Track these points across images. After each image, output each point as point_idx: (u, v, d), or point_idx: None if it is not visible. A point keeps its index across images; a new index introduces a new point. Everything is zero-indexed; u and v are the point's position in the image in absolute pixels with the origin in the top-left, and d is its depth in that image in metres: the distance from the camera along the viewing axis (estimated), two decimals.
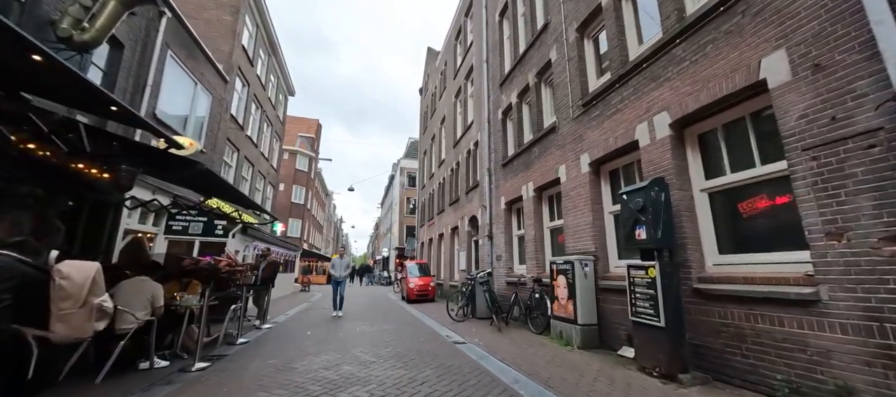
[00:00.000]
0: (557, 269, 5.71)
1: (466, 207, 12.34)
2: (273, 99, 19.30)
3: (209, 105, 11.53)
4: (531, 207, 7.62)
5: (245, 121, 14.83)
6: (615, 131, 5.22)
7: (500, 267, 8.77)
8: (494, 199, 9.76)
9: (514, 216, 9.00)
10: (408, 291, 13.29)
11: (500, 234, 9.23)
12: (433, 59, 22.24)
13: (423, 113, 23.90)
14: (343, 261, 9.70)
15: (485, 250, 10.11)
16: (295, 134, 33.90)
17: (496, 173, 9.80)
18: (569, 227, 6.17)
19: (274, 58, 18.80)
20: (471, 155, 12.48)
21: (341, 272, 9.46)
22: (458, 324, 7.61)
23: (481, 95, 11.38)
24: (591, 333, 5.14)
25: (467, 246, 12.07)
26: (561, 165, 6.56)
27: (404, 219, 35.25)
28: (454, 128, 15.01)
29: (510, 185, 8.78)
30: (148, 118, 8.48)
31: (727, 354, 3.43)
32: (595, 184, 5.75)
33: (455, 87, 15.21)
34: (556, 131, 6.86)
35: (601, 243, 5.51)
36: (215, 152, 12.09)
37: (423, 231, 20.94)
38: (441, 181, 16.76)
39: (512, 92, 9.06)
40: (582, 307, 5.17)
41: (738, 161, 3.77)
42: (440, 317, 8.66)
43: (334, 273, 9.48)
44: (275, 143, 20.58)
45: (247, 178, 16.09)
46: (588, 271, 5.34)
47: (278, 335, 6.60)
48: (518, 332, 6.55)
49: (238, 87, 14.29)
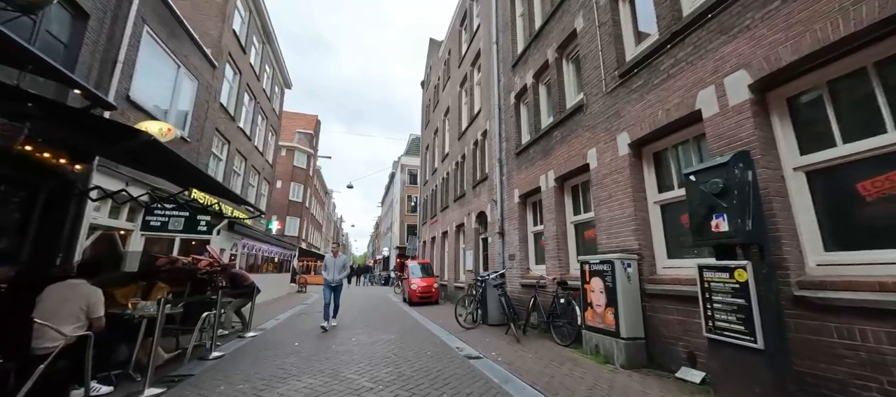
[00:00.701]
0: (591, 270, 4.78)
1: (474, 202, 11.41)
2: (268, 90, 18.39)
3: (195, 91, 10.61)
4: (552, 199, 6.68)
5: (236, 112, 13.90)
6: (666, 102, 4.28)
7: (514, 267, 7.84)
8: (506, 192, 8.83)
9: (529, 210, 8.07)
10: (410, 293, 12.37)
11: (513, 231, 8.30)
12: (435, 50, 21.31)
13: (425, 107, 22.98)
14: (338, 261, 7.63)
15: (495, 249, 9.18)
16: (293, 130, 33.01)
17: (508, 163, 8.87)
18: (602, 221, 5.24)
19: (268, 46, 17.88)
20: (478, 145, 11.55)
21: (336, 275, 7.53)
22: (468, 333, 6.69)
23: (490, 80, 10.45)
24: (636, 349, 4.20)
25: (475, 244, 11.14)
26: (590, 149, 5.63)
27: (405, 217, 34.33)
28: (459, 120, 14.09)
29: (525, 176, 7.85)
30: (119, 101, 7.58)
31: (855, 389, 2.50)
32: (636, 168, 4.81)
33: (460, 76, 14.28)
34: (583, 111, 5.93)
35: (645, 239, 4.58)
36: (202, 143, 11.17)
37: (425, 229, 20.02)
38: (445, 176, 15.83)
39: (527, 73, 8.12)
40: (626, 317, 4.24)
41: (854, 128, 2.84)
42: (447, 323, 7.74)
43: (327, 275, 7.56)
44: (270, 137, 19.66)
45: (239, 173, 15.18)
46: (631, 273, 4.40)
47: (261, 347, 5.68)
48: (539, 343, 5.62)
49: (228, 75, 13.37)
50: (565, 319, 5.53)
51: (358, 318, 8.81)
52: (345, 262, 7.77)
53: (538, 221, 7.75)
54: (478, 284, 8.33)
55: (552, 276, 6.39)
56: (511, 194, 8.53)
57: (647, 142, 4.70)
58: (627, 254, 4.54)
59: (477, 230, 11.25)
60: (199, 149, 10.96)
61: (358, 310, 10.51)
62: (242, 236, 11.67)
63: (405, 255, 27.16)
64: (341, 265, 7.66)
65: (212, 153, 12.17)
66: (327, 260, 7.78)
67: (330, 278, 7.55)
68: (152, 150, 3.96)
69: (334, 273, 7.57)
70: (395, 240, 35.40)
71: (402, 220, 34.48)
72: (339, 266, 7.61)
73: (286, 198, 29.75)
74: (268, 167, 19.19)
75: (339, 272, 7.60)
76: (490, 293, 7.49)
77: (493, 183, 9.64)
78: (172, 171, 5.82)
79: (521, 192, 8.02)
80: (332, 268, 7.60)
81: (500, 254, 8.77)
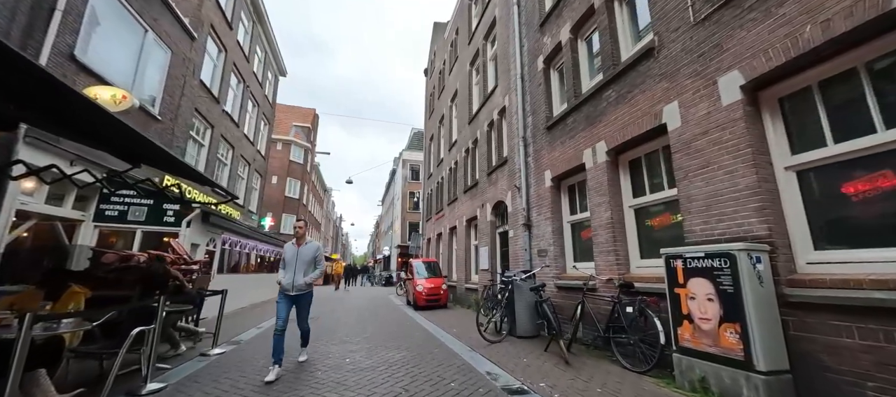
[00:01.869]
0: (687, 268, 3.31)
1: (489, 192, 9.94)
2: (259, 75, 16.94)
3: (167, 63, 9.15)
4: (602, 178, 5.22)
5: (221, 94, 12.44)
6: (816, 14, 2.82)
7: (546, 266, 6.37)
8: (534, 176, 7.36)
9: (564, 195, 6.60)
10: (415, 296, 10.90)
11: (543, 222, 6.83)
12: (440, 34, 19.86)
13: (428, 95, 21.52)
14: (304, 252, 4.47)
15: (519, 244, 7.71)
16: (289, 124, 31.56)
17: (536, 141, 7.40)
18: (692, 200, 3.77)
19: (260, 27, 16.43)
20: (494, 126, 10.08)
21: (298, 276, 4.35)
22: (495, 348, 5.22)
23: (509, 50, 8.99)
24: (781, 389, 2.74)
25: (490, 239, 9.67)
26: (667, 105, 4.16)
27: (407, 214, 32.87)
28: (469, 102, 12.63)
29: (560, 154, 6.38)
30: (58, 59, 6.15)
31: None
32: (753, 122, 3.34)
33: (470, 53, 12.82)
34: (652, 57, 4.46)
35: (777, 223, 3.11)
36: (177, 123, 9.70)
37: (429, 226, 18.55)
38: (452, 166, 14.36)
39: (560, 28, 6.66)
40: (761, 338, 2.77)
41: None
42: (465, 333, 6.27)
43: (283, 279, 4.39)
44: (263, 126, 18.21)
45: (226, 162, 13.74)
46: (762, 271, 2.94)
47: (223, 371, 4.21)
48: (597, 366, 4.16)
49: (212, 52, 11.93)
50: (635, 335, 4.05)
51: (354, 328, 7.33)
52: (317, 255, 4.50)
53: (578, 208, 6.29)
54: (501, 287, 6.87)
55: (606, 276, 4.93)
56: (540, 177, 7.06)
57: (774, 80, 3.23)
58: (755, 244, 3.07)
59: (493, 223, 9.78)
60: (173, 130, 9.50)
61: (355, 317, 9.04)
62: (223, 230, 10.20)
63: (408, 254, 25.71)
64: (309, 259, 4.44)
65: (191, 137, 10.72)
66: (286, 253, 4.53)
67: (288, 283, 4.32)
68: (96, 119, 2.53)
69: (296, 273, 4.36)
70: (396, 238, 33.95)
71: (403, 218, 33.01)
72: (305, 260, 4.42)
73: (282, 195, 28.29)
74: (260, 158, 17.75)
75: (304, 271, 4.39)
76: (519, 297, 6.03)
77: (515, 166, 8.17)
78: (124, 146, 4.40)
79: (554, 174, 6.55)
80: (293, 265, 4.40)
81: (526, 249, 7.30)
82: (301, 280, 4.35)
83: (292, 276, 4.37)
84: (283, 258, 4.57)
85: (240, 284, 11.12)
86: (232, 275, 10.31)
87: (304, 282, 4.35)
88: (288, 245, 4.65)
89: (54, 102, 3.11)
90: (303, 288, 4.37)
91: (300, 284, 4.34)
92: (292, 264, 4.43)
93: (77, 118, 3.52)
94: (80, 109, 3.16)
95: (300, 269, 4.39)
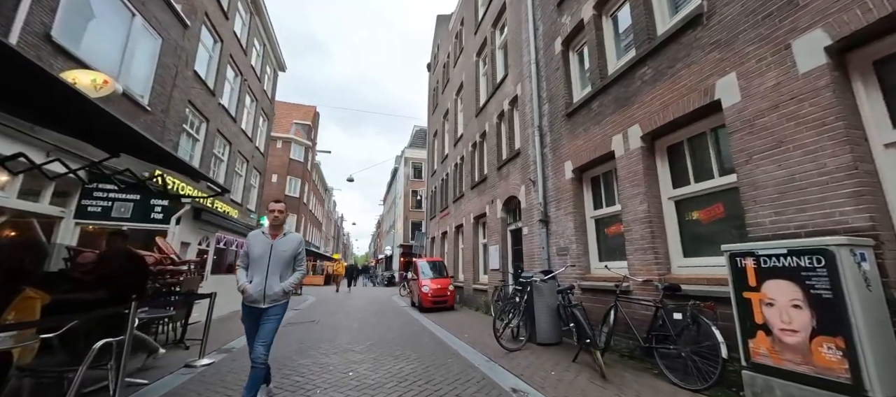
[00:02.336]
0: (763, 268, 2.74)
1: (499, 187, 9.36)
2: (258, 69, 16.38)
3: (157, 51, 8.60)
4: (636, 167, 4.64)
5: (217, 86, 11.89)
6: None
7: (572, 265, 5.79)
8: (551, 168, 6.78)
9: (587, 188, 6.02)
10: (421, 297, 10.33)
11: (564, 217, 6.25)
12: (444, 26, 19.28)
13: (432, 91, 20.95)
14: (282, 247, 3.18)
15: (535, 242, 7.13)
16: (289, 121, 31.04)
17: (553, 130, 6.82)
18: (761, 186, 3.18)
19: (257, 19, 15.88)
20: (504, 117, 9.50)
21: (271, 283, 3.09)
22: (515, 358, 4.65)
23: (521, 35, 8.41)
24: None
25: (501, 237, 9.09)
26: (721, 78, 3.58)
27: (409, 213, 32.32)
28: (476, 94, 12.05)
29: (583, 142, 5.80)
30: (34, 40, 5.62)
31: None
32: (842, 91, 2.76)
33: (477, 43, 12.24)
34: (699, 26, 3.88)
35: (879, 213, 2.53)
36: (169, 115, 9.15)
37: (433, 224, 17.99)
38: (458, 161, 13.79)
39: (582, 6, 6.07)
40: (874, 356, 2.19)
41: None
42: (478, 339, 5.71)
43: (250, 287, 3.08)
44: (261, 122, 17.66)
45: (223, 159, 13.19)
46: (868, 271, 2.36)
47: (208, 387, 3.65)
48: (639, 380, 3.59)
49: (207, 42, 11.38)
50: (686, 346, 3.47)
51: (357, 334, 6.76)
52: (298, 252, 3.27)
53: (603, 202, 5.71)
54: (517, 288, 6.30)
55: (643, 277, 4.35)
56: (559, 169, 6.48)
57: (871, 38, 2.65)
58: (850, 236, 2.49)
59: (504, 220, 9.20)
60: (165, 123, 8.95)
61: (357, 321, 8.47)
62: (217, 228, 9.64)
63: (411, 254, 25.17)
64: (288, 257, 3.19)
65: (184, 130, 10.17)
66: (253, 246, 3.18)
67: (256, 290, 3.05)
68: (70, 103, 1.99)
69: (270, 275, 3.10)
70: (398, 237, 33.40)
71: (405, 217, 32.46)
72: (282, 258, 3.16)
73: (282, 194, 27.75)
74: (258, 155, 17.20)
75: (280, 274, 3.15)
76: (539, 300, 5.45)
77: (529, 158, 7.60)
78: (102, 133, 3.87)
79: (575, 164, 5.98)
80: (265, 265, 3.12)
81: (543, 247, 6.72)
82: (277, 286, 3.07)
83: (263, 281, 3.05)
84: (246, 252, 3.19)
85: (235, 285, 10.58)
86: (228, 276, 9.75)
87: (280, 290, 3.08)
88: (255, 235, 3.23)
89: (21, 83, 2.57)
90: (278, 297, 3.08)
91: (275, 293, 3.06)
92: (263, 263, 3.09)
93: (48, 101, 2.97)
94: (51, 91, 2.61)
95: (275, 271, 3.10)
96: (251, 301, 3.07)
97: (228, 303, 9.83)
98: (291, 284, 3.19)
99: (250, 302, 3.08)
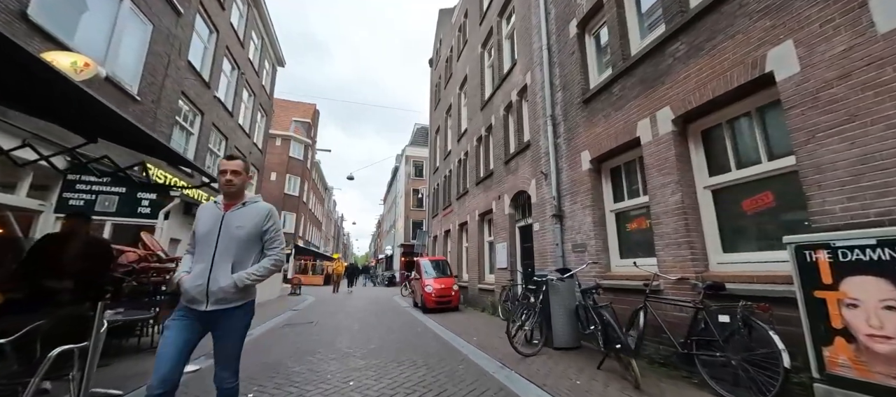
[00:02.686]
0: (842, 262, 2.30)
1: (507, 181, 8.92)
2: (256, 63, 15.96)
3: (147, 37, 8.19)
4: (667, 153, 4.20)
5: (213, 79, 11.47)
6: None
7: (595, 262, 5.34)
8: (566, 159, 6.34)
9: (606, 179, 5.58)
10: (424, 297, 9.89)
11: (579, 211, 5.81)
12: (446, 20, 18.86)
13: (434, 86, 20.53)
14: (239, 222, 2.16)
15: (548, 238, 6.69)
16: (289, 119, 30.61)
17: (568, 119, 6.38)
18: (828, 168, 2.72)
19: (256, 11, 15.47)
20: (512, 109, 9.06)
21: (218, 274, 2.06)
22: (532, 364, 4.21)
23: (532, 19, 7.97)
24: None
25: (509, 234, 8.65)
26: (774, 48, 3.13)
27: (411, 212, 31.89)
28: (481, 86, 11.61)
29: (603, 130, 5.36)
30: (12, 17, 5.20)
31: None
32: None
33: (482, 34, 11.80)
34: None
35: None
36: (160, 106, 8.73)
37: (435, 222, 17.55)
38: (462, 157, 13.35)
39: None
40: None
41: None
42: (488, 344, 5.27)
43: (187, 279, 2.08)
44: (259, 118, 17.25)
45: (218, 153, 12.77)
46: None
47: None
48: (679, 392, 3.15)
49: (202, 32, 10.96)
50: (737, 353, 3.02)
51: (358, 337, 6.32)
52: (263, 228, 2.20)
53: (626, 194, 5.27)
54: (528, 288, 5.87)
55: (676, 275, 3.91)
56: (574, 160, 6.05)
57: None
58: None
59: (512, 216, 8.76)
60: (155, 114, 8.53)
61: (358, 322, 8.03)
62: None
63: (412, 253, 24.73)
64: (250, 235, 2.17)
65: (177, 123, 9.75)
66: (200, 221, 2.21)
67: (196, 285, 2.05)
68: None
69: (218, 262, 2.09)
70: (399, 237, 32.96)
71: (406, 216, 32.03)
72: (238, 237, 2.14)
73: (281, 192, 27.33)
74: (256, 151, 16.78)
75: (234, 260, 2.11)
76: (556, 301, 5.01)
77: (540, 150, 7.16)
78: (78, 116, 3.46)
79: (594, 154, 5.54)
80: (211, 245, 2.11)
81: (557, 244, 6.28)
82: (227, 279, 2.04)
83: (207, 271, 2.05)
84: (193, 231, 2.22)
85: None
86: None
87: (230, 286, 2.04)
88: (206, 207, 2.26)
89: None
90: (228, 296, 2.05)
91: (223, 288, 2.03)
92: (209, 244, 2.10)
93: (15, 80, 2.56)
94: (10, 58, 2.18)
95: (225, 257, 2.08)
96: (188, 300, 2.06)
97: None
98: (251, 277, 2.07)
99: (188, 302, 2.06)
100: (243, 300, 2.14)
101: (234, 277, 2.07)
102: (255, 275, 2.12)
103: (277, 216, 2.32)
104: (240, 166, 2.26)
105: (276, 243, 2.25)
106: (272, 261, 2.19)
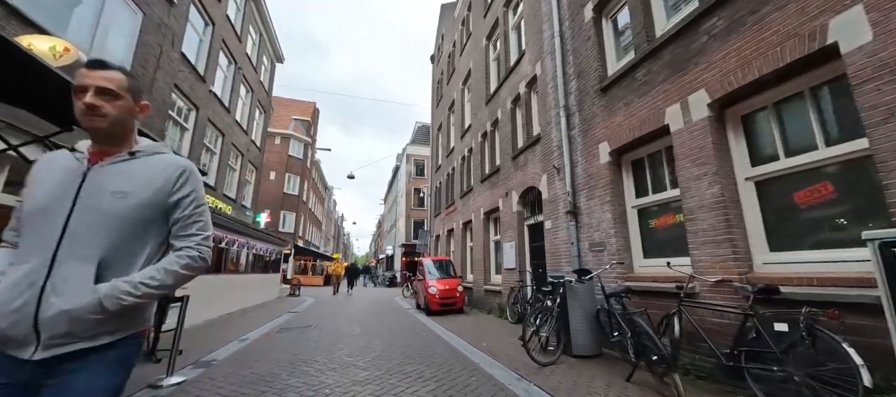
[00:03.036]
0: None
1: (515, 177, 8.51)
2: (254, 58, 15.55)
3: (137, 26, 7.77)
4: (702, 141, 3.78)
5: (208, 73, 11.06)
6: None
7: (610, 263, 4.92)
8: (581, 152, 5.93)
9: (628, 172, 5.16)
10: (428, 299, 9.48)
11: (597, 208, 5.40)
12: (448, 15, 18.46)
13: (435, 83, 20.12)
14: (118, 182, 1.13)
15: (561, 237, 6.28)
16: (288, 117, 30.21)
17: (583, 109, 5.96)
18: None
19: (253, 5, 15.05)
20: (520, 102, 8.65)
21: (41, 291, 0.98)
22: (551, 375, 3.80)
23: (543, 7, 7.56)
24: None
25: (517, 233, 8.24)
26: (837, 15, 2.71)
27: (412, 212, 31.49)
28: (486, 80, 11.19)
29: (625, 118, 4.95)
30: None
31: None
32: None
33: (487, 26, 11.39)
34: None
35: None
36: (151, 98, 8.29)
37: (438, 222, 17.14)
38: (465, 154, 12.93)
39: None
40: None
41: None
42: (500, 350, 4.86)
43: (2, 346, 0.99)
44: (258, 115, 16.85)
45: (214, 150, 12.39)
46: None
47: None
48: None
49: (197, 24, 10.56)
50: (800, 367, 2.60)
51: (359, 342, 5.90)
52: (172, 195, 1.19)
53: (649, 188, 4.85)
54: (544, 290, 5.46)
55: (715, 277, 3.50)
56: (591, 152, 5.63)
57: None
58: None
59: (520, 214, 8.34)
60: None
61: (359, 326, 7.61)
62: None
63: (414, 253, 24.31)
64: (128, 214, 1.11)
65: (170, 117, 9.35)
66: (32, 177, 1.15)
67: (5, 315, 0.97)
68: None
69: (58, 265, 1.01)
70: (400, 237, 32.55)
71: (407, 216, 31.62)
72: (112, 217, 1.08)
73: (281, 191, 26.94)
74: (254, 149, 16.39)
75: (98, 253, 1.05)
76: (574, 305, 4.60)
77: (552, 143, 6.75)
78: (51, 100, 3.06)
79: (613, 146, 5.12)
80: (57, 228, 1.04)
81: (573, 243, 5.87)
82: (84, 292, 1.01)
83: (39, 276, 1.01)
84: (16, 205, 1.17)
85: (227, 285, 9.74)
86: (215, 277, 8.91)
87: (94, 305, 1.01)
88: (52, 160, 1.21)
89: None
90: (86, 326, 1.02)
91: (76, 309, 1.00)
92: (49, 224, 1.06)
93: None
94: None
95: (85, 248, 1.05)
96: None
97: (221, 306, 9.01)
98: (139, 288, 1.07)
99: None
100: (115, 334, 1.08)
101: (103, 288, 1.03)
102: (148, 286, 1.09)
103: (199, 180, 1.29)
104: (115, 81, 1.15)
105: (197, 225, 1.23)
106: (187, 259, 1.18)
